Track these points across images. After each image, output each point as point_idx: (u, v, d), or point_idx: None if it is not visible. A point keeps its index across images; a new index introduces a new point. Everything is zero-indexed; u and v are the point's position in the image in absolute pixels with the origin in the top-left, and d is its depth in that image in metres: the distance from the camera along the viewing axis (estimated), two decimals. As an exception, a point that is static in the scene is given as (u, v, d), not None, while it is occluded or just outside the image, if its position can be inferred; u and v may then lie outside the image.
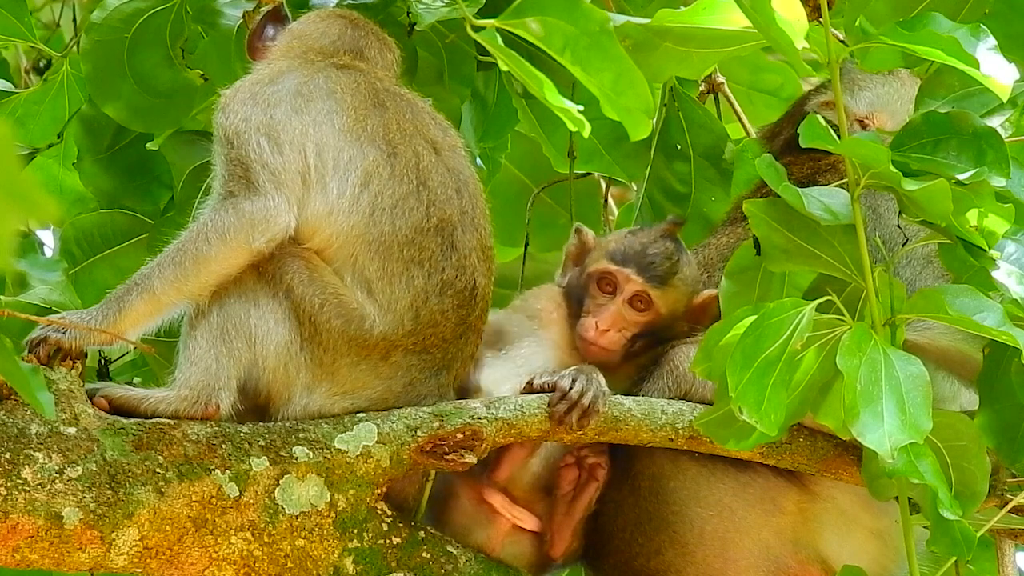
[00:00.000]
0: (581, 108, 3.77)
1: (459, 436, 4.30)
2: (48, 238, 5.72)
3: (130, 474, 4.14)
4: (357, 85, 4.47)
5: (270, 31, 4.69)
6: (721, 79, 5.59)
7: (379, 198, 4.35)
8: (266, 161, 4.32)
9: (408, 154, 4.41)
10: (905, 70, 4.86)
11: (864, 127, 4.79)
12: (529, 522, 4.51)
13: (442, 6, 4.94)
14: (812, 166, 4.74)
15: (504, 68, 3.88)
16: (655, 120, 5.30)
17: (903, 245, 4.30)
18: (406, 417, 4.33)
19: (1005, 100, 4.07)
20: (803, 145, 4.11)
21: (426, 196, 4.39)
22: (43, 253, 5.43)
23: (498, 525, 4.51)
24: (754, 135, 5.50)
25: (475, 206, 4.46)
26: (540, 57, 3.89)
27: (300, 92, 4.43)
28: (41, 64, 6.77)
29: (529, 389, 4.39)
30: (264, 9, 4.80)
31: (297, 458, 4.25)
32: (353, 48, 4.62)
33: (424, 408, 4.35)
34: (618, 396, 4.45)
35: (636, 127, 3.82)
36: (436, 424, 4.31)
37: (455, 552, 4.40)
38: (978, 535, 4.02)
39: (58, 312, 4.63)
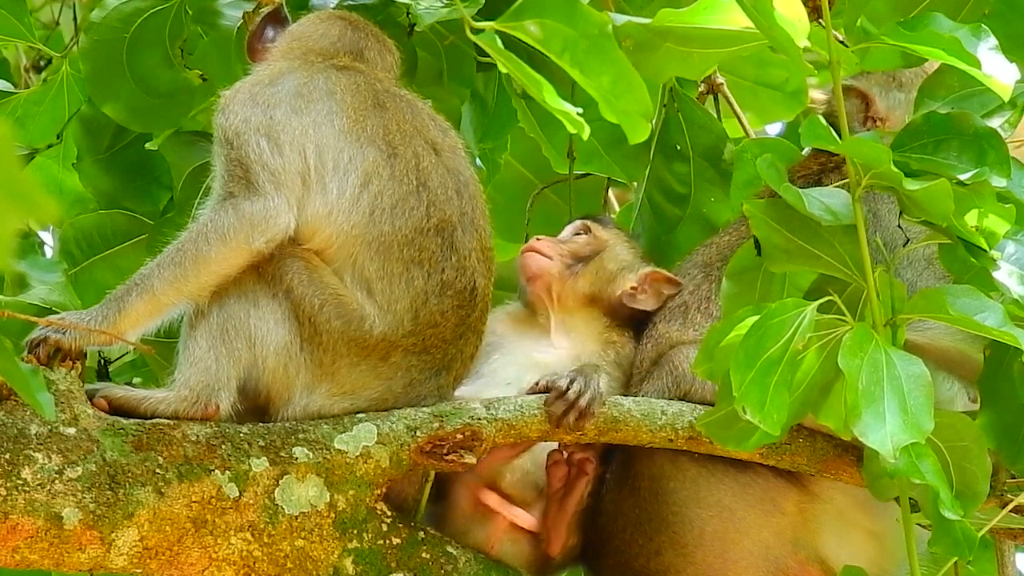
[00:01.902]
0: (580, 111, 3.76)
1: (459, 436, 4.30)
2: (49, 239, 5.73)
3: (130, 474, 4.14)
4: (357, 86, 4.47)
5: (270, 32, 4.69)
6: (721, 79, 5.58)
7: (379, 198, 4.35)
8: (266, 162, 4.32)
9: (408, 155, 4.41)
10: None
11: (876, 126, 4.79)
12: (526, 520, 4.51)
13: (442, 7, 4.93)
14: (822, 162, 4.73)
15: (503, 71, 3.88)
16: (655, 120, 5.30)
17: (904, 246, 4.29)
18: (406, 417, 4.32)
19: (1006, 100, 4.07)
20: (803, 145, 4.10)
21: (426, 197, 4.38)
22: (44, 254, 5.42)
23: (495, 524, 4.51)
24: (754, 135, 5.49)
25: (475, 207, 4.46)
26: (539, 58, 3.88)
27: (300, 93, 4.43)
28: (41, 63, 6.76)
29: (534, 389, 4.40)
30: (264, 11, 4.80)
31: (297, 458, 4.25)
32: (353, 50, 4.62)
33: (424, 408, 4.35)
34: (618, 397, 4.46)
35: (634, 130, 3.81)
36: (436, 424, 4.31)
37: (455, 552, 4.40)
38: (979, 535, 4.01)
39: (58, 312, 4.62)
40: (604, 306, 4.79)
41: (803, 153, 4.60)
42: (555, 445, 4.49)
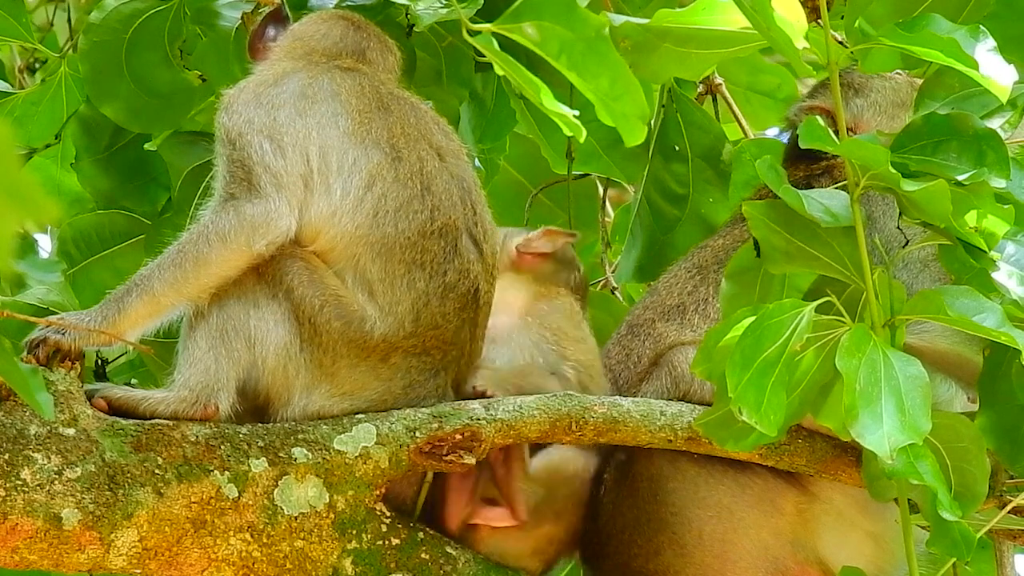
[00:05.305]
0: (577, 113, 3.76)
1: (458, 437, 4.30)
2: (44, 239, 5.72)
3: (129, 475, 4.14)
4: (361, 88, 4.46)
5: (271, 32, 4.70)
6: (719, 80, 5.59)
7: (383, 200, 4.35)
8: (268, 163, 4.32)
9: (412, 159, 4.40)
10: (902, 75, 4.86)
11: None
12: (502, 520, 4.49)
13: (440, 7, 4.93)
14: (807, 168, 4.74)
15: (500, 72, 3.88)
16: (653, 121, 5.31)
17: (903, 247, 4.30)
18: (405, 418, 4.32)
19: (1004, 101, 4.07)
20: (801, 146, 4.11)
21: (430, 201, 4.38)
22: (38, 254, 5.42)
23: (477, 530, 4.50)
24: (752, 137, 5.50)
25: (478, 213, 4.47)
26: (537, 60, 3.88)
27: (304, 94, 4.42)
28: (36, 66, 6.77)
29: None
30: (265, 10, 4.80)
31: (296, 459, 4.25)
32: (355, 50, 4.61)
33: (423, 409, 4.34)
34: (617, 397, 4.46)
35: (631, 132, 3.81)
36: (435, 425, 4.31)
37: (454, 553, 4.40)
38: (977, 536, 4.01)
39: (56, 313, 4.62)
40: (515, 270, 4.80)
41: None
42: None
